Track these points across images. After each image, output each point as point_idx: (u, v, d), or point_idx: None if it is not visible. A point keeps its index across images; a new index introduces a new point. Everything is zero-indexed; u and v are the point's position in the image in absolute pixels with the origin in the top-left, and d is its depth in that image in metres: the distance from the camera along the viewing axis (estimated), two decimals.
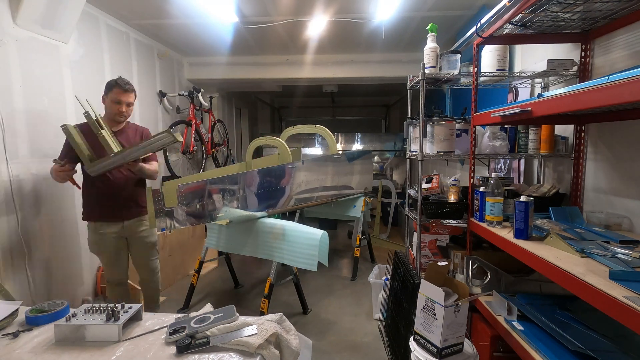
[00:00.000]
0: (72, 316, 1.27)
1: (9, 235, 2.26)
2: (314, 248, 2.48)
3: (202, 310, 1.38)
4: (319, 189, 3.20)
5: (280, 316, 1.35)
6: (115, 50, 3.26)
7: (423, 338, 1.48)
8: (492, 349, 1.69)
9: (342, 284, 3.56)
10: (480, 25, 1.79)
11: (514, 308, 1.60)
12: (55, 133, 2.61)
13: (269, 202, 2.82)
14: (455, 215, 2.09)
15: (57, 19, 2.49)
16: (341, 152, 3.82)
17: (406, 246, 2.67)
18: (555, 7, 1.47)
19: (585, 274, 1.07)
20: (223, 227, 2.96)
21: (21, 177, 2.34)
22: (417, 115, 2.18)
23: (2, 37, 2.23)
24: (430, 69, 2.07)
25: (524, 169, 2.40)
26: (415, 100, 2.34)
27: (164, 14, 3.17)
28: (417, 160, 2.17)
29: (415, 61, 4.36)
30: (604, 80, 1.01)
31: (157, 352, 1.16)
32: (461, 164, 3.68)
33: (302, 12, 3.16)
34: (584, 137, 1.85)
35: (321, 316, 2.91)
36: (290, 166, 2.96)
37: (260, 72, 4.72)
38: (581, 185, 1.85)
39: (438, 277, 1.50)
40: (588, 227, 1.55)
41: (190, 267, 3.89)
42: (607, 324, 1.33)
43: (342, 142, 6.90)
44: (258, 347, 1.15)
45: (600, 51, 1.75)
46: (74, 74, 2.78)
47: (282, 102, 8.89)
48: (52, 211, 2.58)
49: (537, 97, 1.38)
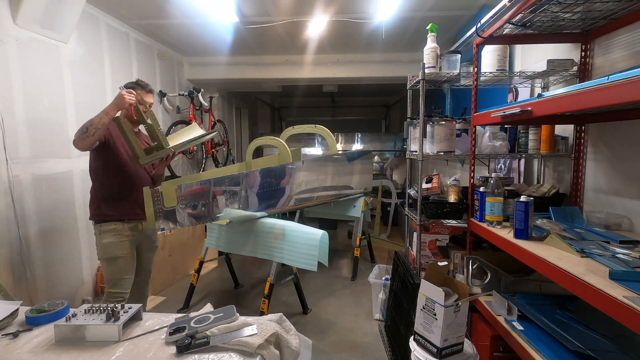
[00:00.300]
0: (72, 316, 1.27)
1: (9, 235, 2.26)
2: (314, 248, 2.48)
3: (202, 310, 1.38)
4: (319, 189, 3.21)
5: (280, 316, 1.35)
6: (115, 50, 3.26)
7: (423, 338, 1.48)
8: (492, 349, 1.69)
9: (342, 284, 3.56)
10: (480, 25, 1.79)
11: (514, 308, 1.59)
12: (56, 133, 2.61)
13: (269, 202, 2.82)
14: (455, 215, 2.09)
15: (57, 19, 2.49)
16: (341, 152, 3.82)
17: (406, 246, 2.67)
18: (555, 7, 1.47)
19: (585, 274, 1.07)
20: (223, 227, 2.96)
21: (21, 177, 2.34)
22: (417, 115, 2.18)
23: (2, 37, 2.23)
24: (430, 69, 2.07)
25: (524, 169, 2.40)
26: (415, 100, 2.34)
27: (164, 14, 3.17)
28: (417, 160, 2.16)
29: (415, 61, 4.36)
30: (604, 80, 1.01)
31: (157, 352, 1.16)
32: (461, 164, 3.68)
33: (302, 12, 3.16)
34: (584, 137, 1.85)
35: (321, 316, 2.91)
36: (290, 166, 2.97)
37: (260, 72, 4.72)
38: (581, 185, 1.85)
39: (438, 277, 1.49)
40: (588, 227, 1.55)
41: (190, 267, 3.89)
42: (607, 324, 1.33)
43: (342, 142, 6.90)
44: (258, 347, 1.15)
45: (600, 51, 1.75)
46: (74, 74, 2.78)
47: (282, 102, 8.89)
48: (52, 211, 2.58)
49: (537, 97, 1.37)
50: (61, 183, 2.66)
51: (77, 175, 2.80)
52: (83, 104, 2.86)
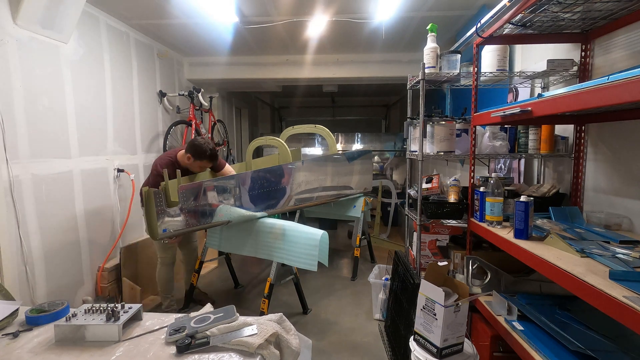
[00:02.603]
0: (72, 316, 1.27)
1: (9, 235, 2.26)
2: (314, 248, 2.48)
3: (202, 310, 1.38)
4: (318, 189, 3.21)
5: (280, 316, 1.35)
6: (115, 50, 3.26)
7: (423, 338, 1.48)
8: (492, 349, 1.69)
9: (342, 284, 3.56)
10: (480, 25, 1.79)
11: (514, 308, 1.59)
12: (55, 133, 2.61)
13: (269, 202, 2.82)
14: (455, 215, 2.09)
15: (57, 19, 2.49)
16: (341, 152, 3.82)
17: (406, 246, 2.67)
18: (555, 7, 1.47)
19: (585, 274, 1.07)
20: (223, 227, 2.96)
21: (21, 177, 2.34)
22: (417, 115, 2.18)
23: (2, 37, 2.23)
24: (430, 69, 2.07)
25: (524, 169, 2.40)
26: (415, 100, 2.34)
27: (164, 14, 3.17)
28: (417, 160, 2.16)
29: (415, 61, 4.36)
30: (604, 80, 1.01)
31: (157, 352, 1.16)
32: (461, 164, 3.68)
33: (302, 12, 3.16)
34: (584, 137, 1.85)
35: (321, 316, 2.91)
36: (290, 166, 2.97)
37: (260, 72, 4.71)
38: (581, 185, 1.85)
39: (438, 277, 1.50)
40: (588, 227, 1.55)
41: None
42: (607, 324, 1.33)
43: (342, 142, 6.89)
44: (258, 347, 1.15)
45: (600, 51, 1.75)
46: (74, 74, 2.78)
47: (282, 102, 8.89)
48: (52, 211, 2.58)
49: (537, 97, 1.38)
50: (61, 183, 2.65)
51: (77, 175, 2.80)
52: (83, 104, 2.86)
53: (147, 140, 3.76)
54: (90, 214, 2.92)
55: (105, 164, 3.11)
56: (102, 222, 3.08)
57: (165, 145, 3.81)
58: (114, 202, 3.20)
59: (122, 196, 3.28)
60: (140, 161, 3.62)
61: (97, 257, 3.00)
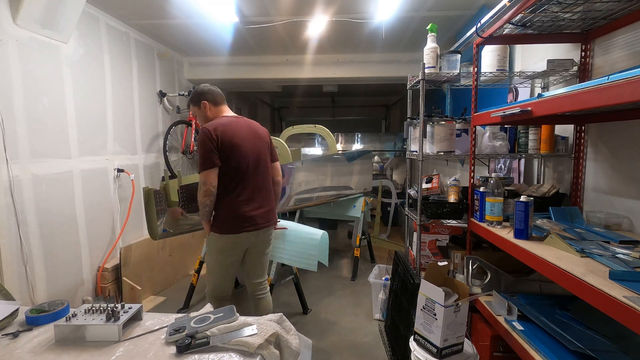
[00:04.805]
0: (72, 316, 1.27)
1: (9, 236, 2.26)
2: (314, 248, 2.48)
3: (202, 310, 1.38)
4: (318, 189, 3.21)
5: (280, 316, 1.35)
6: (115, 50, 3.26)
7: (423, 338, 1.48)
8: (492, 349, 1.69)
9: (342, 284, 3.56)
10: (480, 25, 1.79)
11: (514, 308, 1.59)
12: (56, 133, 2.61)
13: None
14: (455, 215, 2.09)
15: (57, 19, 2.49)
16: (341, 152, 3.82)
17: (406, 246, 2.67)
18: (555, 7, 1.47)
19: (585, 274, 1.07)
20: None
21: (21, 178, 2.34)
22: (417, 115, 2.18)
23: (2, 37, 2.23)
24: (430, 69, 2.07)
25: (524, 169, 2.40)
26: (415, 100, 2.34)
27: (164, 14, 3.17)
28: (417, 160, 2.16)
29: (415, 61, 4.36)
30: (604, 80, 1.01)
31: (157, 352, 1.16)
32: (461, 164, 3.68)
33: (302, 12, 3.16)
34: (584, 137, 1.85)
35: (321, 316, 2.91)
36: (290, 166, 2.97)
37: (260, 72, 4.71)
38: (581, 185, 1.85)
39: (438, 277, 1.50)
40: (588, 227, 1.55)
41: (190, 267, 3.89)
42: (607, 324, 1.33)
43: (342, 142, 6.90)
44: (258, 347, 1.15)
45: (600, 51, 1.75)
46: (74, 74, 2.78)
47: (282, 102, 8.88)
48: (52, 211, 2.58)
49: (537, 97, 1.37)
50: (61, 183, 2.65)
51: (77, 175, 2.80)
52: (83, 104, 2.86)
53: (147, 140, 3.76)
54: (90, 214, 2.92)
55: (105, 164, 3.11)
56: (102, 222, 3.08)
57: (165, 145, 3.81)
58: (114, 202, 3.20)
59: (122, 196, 3.28)
60: (140, 161, 3.62)
61: (97, 257, 3.00)
